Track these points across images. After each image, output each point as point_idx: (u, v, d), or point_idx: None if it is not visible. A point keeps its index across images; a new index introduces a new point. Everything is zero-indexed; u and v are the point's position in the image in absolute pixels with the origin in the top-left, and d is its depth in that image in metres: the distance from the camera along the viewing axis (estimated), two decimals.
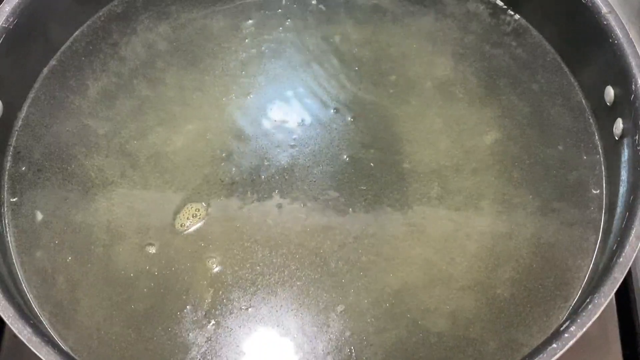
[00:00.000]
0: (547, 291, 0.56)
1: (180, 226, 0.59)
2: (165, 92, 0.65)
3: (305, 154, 0.62)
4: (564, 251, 0.58)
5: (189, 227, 0.59)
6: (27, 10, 0.60)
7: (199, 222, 0.59)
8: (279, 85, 0.66)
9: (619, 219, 0.55)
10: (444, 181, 0.61)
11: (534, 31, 0.68)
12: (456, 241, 0.58)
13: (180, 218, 0.59)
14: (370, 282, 0.56)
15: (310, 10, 0.70)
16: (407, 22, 0.69)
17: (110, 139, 0.63)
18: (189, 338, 0.55)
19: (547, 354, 0.46)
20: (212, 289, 0.56)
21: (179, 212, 0.59)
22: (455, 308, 0.56)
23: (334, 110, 0.64)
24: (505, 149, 0.63)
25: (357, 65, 0.67)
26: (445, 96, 0.65)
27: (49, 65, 0.66)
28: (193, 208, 0.59)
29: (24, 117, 0.63)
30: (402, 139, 0.63)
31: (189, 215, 0.59)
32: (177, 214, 0.59)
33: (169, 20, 0.69)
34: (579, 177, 0.61)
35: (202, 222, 0.59)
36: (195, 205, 0.59)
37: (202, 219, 0.59)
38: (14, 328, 0.47)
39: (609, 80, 0.60)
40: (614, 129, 0.59)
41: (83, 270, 0.57)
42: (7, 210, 0.59)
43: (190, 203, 0.59)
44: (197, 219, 0.59)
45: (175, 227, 0.59)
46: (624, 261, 0.49)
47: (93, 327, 0.55)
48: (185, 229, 0.59)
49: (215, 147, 0.62)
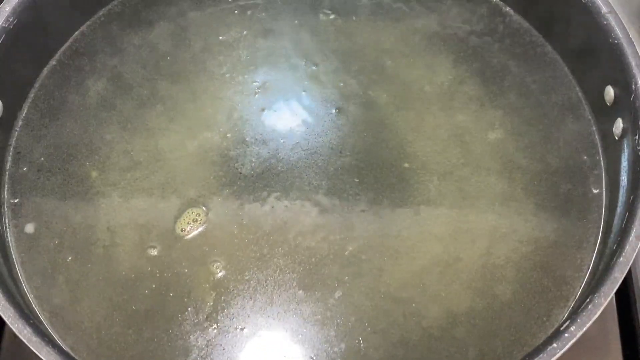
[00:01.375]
0: (547, 291, 0.56)
1: (181, 231, 0.59)
2: (165, 93, 0.65)
3: (306, 155, 0.62)
4: (563, 251, 0.58)
5: (190, 231, 0.59)
6: (27, 10, 0.60)
7: (200, 225, 0.59)
8: (280, 87, 0.66)
9: (619, 219, 0.55)
10: (444, 181, 0.61)
11: (534, 31, 0.68)
12: (456, 241, 0.58)
13: (181, 222, 0.59)
14: (370, 282, 0.56)
15: (311, 11, 0.70)
16: (407, 23, 0.69)
17: (111, 139, 0.63)
18: (189, 340, 0.55)
19: (547, 354, 0.46)
20: (214, 292, 0.56)
21: (180, 216, 0.59)
22: (455, 308, 0.56)
23: (334, 111, 0.64)
24: (505, 149, 0.62)
25: (357, 66, 0.67)
26: (445, 96, 0.65)
27: (49, 65, 0.66)
28: (194, 213, 0.59)
29: (24, 117, 0.63)
30: (402, 139, 0.63)
31: (190, 219, 0.59)
32: (178, 217, 0.59)
33: (170, 20, 0.69)
34: (579, 177, 0.61)
35: (203, 225, 0.59)
36: (196, 210, 0.59)
37: (203, 223, 0.59)
38: (14, 328, 0.47)
39: (609, 80, 0.60)
40: (614, 129, 0.59)
41: (83, 270, 0.57)
42: (7, 210, 0.59)
43: (191, 208, 0.59)
44: (197, 223, 0.59)
45: (176, 231, 0.59)
46: (624, 261, 0.49)
47: (93, 327, 0.55)
48: (187, 233, 0.58)
49: (216, 148, 0.62)
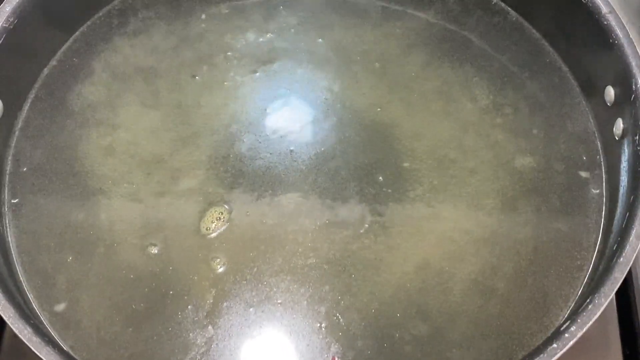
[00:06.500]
0: (547, 291, 0.56)
1: (183, 228, 0.59)
2: (166, 93, 0.65)
3: (306, 155, 0.62)
4: (564, 251, 0.58)
5: (192, 229, 0.59)
6: (27, 10, 0.60)
7: (202, 223, 0.59)
8: (281, 88, 0.66)
9: (619, 219, 0.55)
10: (443, 180, 0.61)
11: (534, 31, 0.68)
12: (456, 241, 0.58)
13: (184, 219, 0.59)
14: (370, 282, 0.56)
15: (313, 11, 0.70)
16: (407, 23, 0.69)
17: (111, 139, 0.63)
18: (189, 338, 0.55)
19: (547, 354, 0.46)
20: (213, 290, 0.56)
21: (180, 215, 0.59)
22: (455, 308, 0.56)
23: (335, 111, 0.64)
24: (505, 149, 0.62)
25: (358, 66, 0.67)
26: (445, 96, 0.65)
27: (49, 65, 0.66)
28: (195, 212, 0.59)
29: (24, 117, 0.63)
30: (402, 139, 0.63)
31: (193, 217, 0.59)
32: (179, 216, 0.59)
33: (170, 20, 0.69)
34: (579, 177, 0.61)
35: (205, 223, 0.59)
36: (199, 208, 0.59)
37: (211, 220, 0.59)
38: (14, 328, 0.47)
39: (609, 80, 0.60)
40: (614, 129, 0.59)
41: (83, 270, 0.57)
42: (7, 210, 0.59)
43: (192, 207, 0.59)
44: (203, 222, 0.59)
45: (178, 229, 0.59)
46: (624, 261, 0.49)
47: (93, 327, 0.55)
48: (189, 231, 0.58)
49: (217, 149, 0.62)
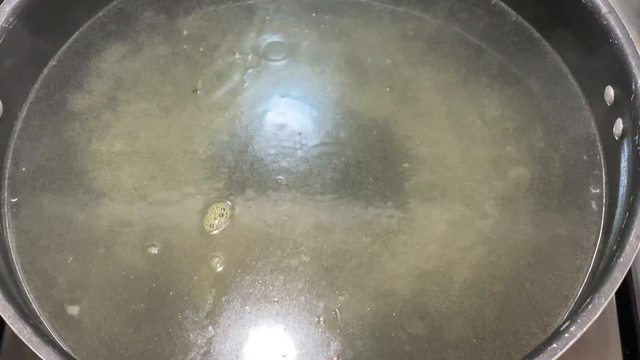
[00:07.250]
0: (547, 291, 0.56)
1: (184, 227, 0.59)
2: (166, 93, 0.65)
3: (307, 156, 0.62)
4: (564, 251, 0.58)
5: (194, 228, 0.59)
6: (27, 11, 0.60)
7: (205, 220, 0.59)
8: (284, 88, 0.66)
9: (619, 219, 0.55)
10: (443, 181, 0.61)
11: (534, 31, 0.68)
12: (456, 241, 0.58)
13: (185, 220, 0.59)
14: (369, 282, 0.57)
15: (313, 12, 0.70)
16: (407, 23, 0.69)
17: (111, 139, 0.63)
18: (189, 339, 0.55)
19: (547, 354, 0.46)
20: (214, 290, 0.56)
21: (181, 215, 0.59)
22: (455, 308, 0.56)
23: (335, 111, 0.64)
24: (505, 149, 0.62)
25: (357, 66, 0.67)
26: (445, 97, 0.65)
27: (49, 65, 0.66)
28: (197, 209, 0.59)
29: (24, 117, 0.63)
30: (402, 139, 0.63)
31: (194, 217, 0.59)
32: (179, 216, 0.59)
33: (171, 21, 0.69)
34: (579, 177, 0.61)
35: (205, 224, 0.59)
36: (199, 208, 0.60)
37: (214, 217, 0.59)
38: (14, 328, 0.47)
39: (609, 80, 0.60)
40: (614, 129, 0.59)
41: (84, 270, 0.57)
42: (7, 210, 0.59)
43: (192, 207, 0.59)
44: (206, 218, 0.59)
45: (178, 229, 0.59)
46: (624, 261, 0.49)
47: (93, 328, 0.55)
48: (190, 230, 0.58)
49: (217, 149, 0.62)
